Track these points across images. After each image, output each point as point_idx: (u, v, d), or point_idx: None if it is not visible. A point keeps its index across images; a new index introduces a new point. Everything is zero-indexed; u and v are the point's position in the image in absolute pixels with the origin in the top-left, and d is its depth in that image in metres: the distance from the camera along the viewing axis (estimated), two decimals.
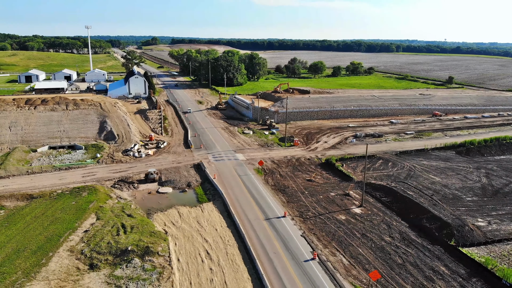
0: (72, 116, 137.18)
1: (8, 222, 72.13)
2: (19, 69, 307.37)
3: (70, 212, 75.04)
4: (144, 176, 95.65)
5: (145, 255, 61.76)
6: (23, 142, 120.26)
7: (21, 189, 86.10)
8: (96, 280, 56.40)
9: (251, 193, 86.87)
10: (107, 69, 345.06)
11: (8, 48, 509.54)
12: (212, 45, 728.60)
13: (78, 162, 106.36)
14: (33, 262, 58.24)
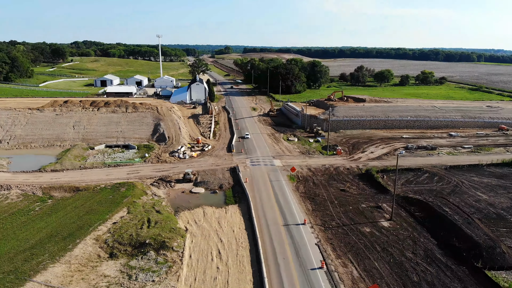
0: (130, 118, 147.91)
1: (52, 210, 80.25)
2: (98, 74, 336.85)
3: (105, 205, 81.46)
4: (182, 176, 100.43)
5: (160, 249, 65.20)
6: (83, 140, 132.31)
7: (70, 182, 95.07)
8: (112, 268, 60.82)
9: (277, 198, 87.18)
10: (177, 76, 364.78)
11: (92, 54, 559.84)
12: (281, 54, 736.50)
13: (127, 160, 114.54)
14: (61, 246, 64.37)
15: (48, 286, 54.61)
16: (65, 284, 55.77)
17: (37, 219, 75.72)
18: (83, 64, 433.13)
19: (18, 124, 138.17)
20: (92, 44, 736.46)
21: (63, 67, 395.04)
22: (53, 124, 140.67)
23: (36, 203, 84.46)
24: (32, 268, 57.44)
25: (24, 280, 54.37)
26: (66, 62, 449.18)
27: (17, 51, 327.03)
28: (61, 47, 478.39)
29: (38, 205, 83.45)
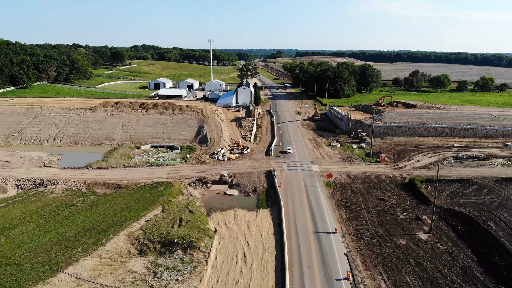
0: (176, 120, 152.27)
1: (92, 206, 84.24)
2: (153, 77, 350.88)
3: (141, 203, 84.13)
4: (218, 178, 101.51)
5: (188, 248, 66.08)
6: (131, 139, 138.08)
7: (112, 179, 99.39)
8: (140, 264, 62.53)
9: (310, 205, 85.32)
10: (227, 80, 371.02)
11: (149, 58, 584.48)
12: (334, 57, 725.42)
13: (169, 160, 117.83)
14: (94, 241, 67.22)
15: (77, 278, 57.16)
16: (93, 277, 58.08)
17: (77, 214, 79.80)
18: (140, 67, 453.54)
19: (71, 123, 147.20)
20: (150, 48, 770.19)
21: (121, 70, 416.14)
22: (103, 123, 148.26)
23: (79, 198, 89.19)
24: (65, 260, 60.41)
25: (56, 271, 57.28)
26: (124, 65, 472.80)
27: (78, 54, 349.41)
28: (120, 51, 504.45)
29: (81, 200, 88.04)
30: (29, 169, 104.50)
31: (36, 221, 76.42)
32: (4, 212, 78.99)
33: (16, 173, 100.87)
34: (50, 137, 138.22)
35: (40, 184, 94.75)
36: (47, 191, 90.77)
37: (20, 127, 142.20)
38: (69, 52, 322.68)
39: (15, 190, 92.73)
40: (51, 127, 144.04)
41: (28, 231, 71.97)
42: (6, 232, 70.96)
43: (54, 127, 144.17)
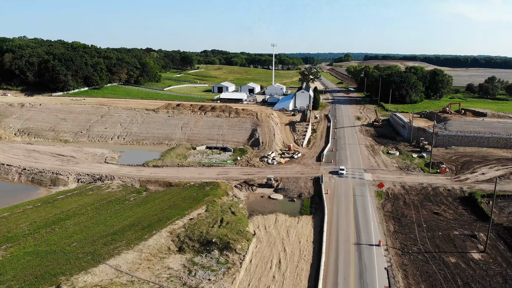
0: (231, 123, 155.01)
1: (142, 202, 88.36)
2: (217, 81, 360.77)
3: (188, 201, 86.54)
4: (264, 181, 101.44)
5: (224, 249, 66.66)
6: (188, 140, 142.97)
7: (165, 178, 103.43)
8: (177, 261, 64.22)
9: (356, 214, 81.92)
10: (290, 84, 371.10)
11: (216, 62, 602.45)
12: (404, 61, 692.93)
13: (220, 162, 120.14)
14: (138, 235, 70.27)
15: (117, 270, 60.08)
16: (132, 270, 60.68)
17: (128, 209, 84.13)
18: (207, 72, 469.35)
19: (135, 122, 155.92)
20: (219, 53, 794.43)
21: (189, 74, 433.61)
22: (164, 124, 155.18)
23: (132, 194, 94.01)
24: (108, 252, 63.85)
25: (98, 262, 60.69)
26: (193, 69, 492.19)
27: (150, 57, 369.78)
28: (189, 55, 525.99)
29: (133, 196, 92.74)
30: (90, 165, 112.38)
31: (90, 214, 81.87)
32: (62, 204, 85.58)
33: (78, 167, 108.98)
34: (114, 135, 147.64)
35: (98, 179, 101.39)
36: (103, 186, 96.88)
37: (88, 125, 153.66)
38: (141, 56, 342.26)
39: (76, 184, 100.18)
40: (116, 126, 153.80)
41: (81, 222, 77.32)
42: (61, 222, 76.84)
43: (119, 126, 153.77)
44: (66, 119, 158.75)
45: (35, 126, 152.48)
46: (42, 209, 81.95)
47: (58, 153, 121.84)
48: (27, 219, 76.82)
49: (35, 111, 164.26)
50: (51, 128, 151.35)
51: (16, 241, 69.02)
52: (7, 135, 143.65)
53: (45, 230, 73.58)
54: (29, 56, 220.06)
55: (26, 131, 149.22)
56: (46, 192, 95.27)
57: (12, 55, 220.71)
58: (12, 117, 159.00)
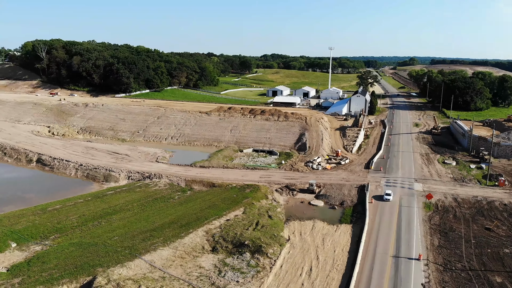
0: (280, 127, 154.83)
1: (185, 201, 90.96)
2: (274, 85, 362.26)
3: (227, 202, 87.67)
4: (306, 187, 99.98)
5: (256, 252, 66.61)
6: (236, 143, 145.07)
7: (210, 178, 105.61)
8: (209, 261, 65.29)
9: (399, 226, 77.86)
10: (348, 88, 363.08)
11: (275, 66, 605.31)
12: (475, 66, 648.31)
13: (264, 165, 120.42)
14: (175, 233, 72.35)
15: (151, 266, 62.36)
16: (165, 266, 62.61)
17: (170, 207, 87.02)
18: (265, 76, 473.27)
19: (188, 124, 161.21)
20: (278, 57, 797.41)
21: (246, 78, 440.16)
22: (215, 126, 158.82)
23: (177, 193, 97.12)
24: (145, 247, 66.43)
25: (134, 256, 63.35)
26: (251, 73, 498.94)
27: (210, 62, 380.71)
28: (248, 60, 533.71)
29: (178, 195, 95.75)
30: (142, 163, 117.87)
31: (135, 210, 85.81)
32: (111, 199, 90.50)
33: (131, 165, 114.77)
34: (168, 136, 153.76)
35: (148, 177, 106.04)
36: (151, 184, 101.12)
37: (145, 126, 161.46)
38: (201, 60, 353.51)
39: (126, 180, 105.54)
40: (171, 127, 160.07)
41: (125, 217, 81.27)
42: (107, 217, 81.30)
43: (173, 127, 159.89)
44: (125, 119, 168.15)
45: (96, 125, 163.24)
46: (92, 203, 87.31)
47: (114, 151, 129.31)
48: (77, 212, 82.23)
49: (97, 111, 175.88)
50: (111, 127, 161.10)
51: (64, 232, 74.16)
52: (71, 132, 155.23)
53: (92, 223, 78.31)
54: (96, 59, 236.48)
55: (88, 129, 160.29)
56: (98, 188, 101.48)
57: (80, 58, 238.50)
58: (76, 116, 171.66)
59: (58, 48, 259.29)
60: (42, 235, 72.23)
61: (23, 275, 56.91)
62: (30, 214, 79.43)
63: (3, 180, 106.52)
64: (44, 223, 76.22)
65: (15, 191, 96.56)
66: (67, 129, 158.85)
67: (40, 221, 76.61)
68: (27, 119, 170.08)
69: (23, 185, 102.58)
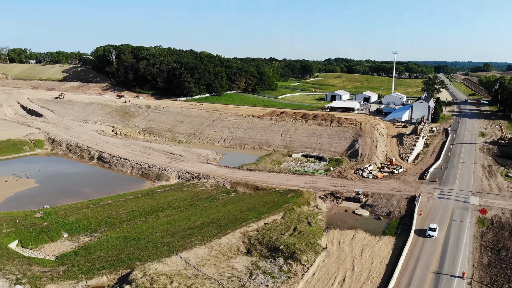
0: (332, 132, 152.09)
1: (228, 202, 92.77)
2: (334, 89, 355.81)
3: (267, 206, 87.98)
4: (353, 195, 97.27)
5: (289, 258, 66.26)
6: (285, 147, 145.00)
7: (255, 181, 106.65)
8: (242, 263, 66.12)
9: (447, 241, 72.96)
10: (415, 94, 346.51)
11: (337, 70, 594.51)
12: None
13: (311, 171, 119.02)
14: (213, 233, 74.12)
15: (186, 263, 64.51)
16: (199, 265, 64.43)
17: (213, 207, 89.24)
18: (326, 80, 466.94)
19: (240, 128, 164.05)
20: (342, 61, 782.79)
21: (306, 82, 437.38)
22: (266, 130, 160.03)
23: (222, 194, 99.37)
24: (182, 245, 68.84)
25: (171, 253, 65.96)
26: (312, 77, 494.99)
27: (270, 67, 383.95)
28: (309, 64, 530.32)
29: (223, 196, 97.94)
30: (193, 164, 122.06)
31: (180, 208, 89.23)
32: (160, 197, 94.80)
33: (182, 165, 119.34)
34: (221, 138, 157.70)
35: (196, 177, 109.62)
36: (198, 184, 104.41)
37: (200, 128, 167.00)
38: (260, 65, 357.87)
39: (176, 179, 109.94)
40: (224, 130, 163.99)
41: (170, 215, 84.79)
42: (154, 213, 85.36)
43: (227, 130, 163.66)
44: (183, 121, 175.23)
45: (156, 126, 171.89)
46: (141, 200, 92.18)
47: (169, 151, 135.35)
48: (127, 207, 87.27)
49: (158, 113, 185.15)
50: (169, 129, 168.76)
51: (113, 226, 79.15)
52: (132, 133, 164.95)
53: (139, 219, 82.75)
54: (160, 64, 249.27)
55: (148, 130, 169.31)
56: (150, 185, 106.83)
57: (146, 62, 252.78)
58: (139, 117, 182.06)
59: (126, 52, 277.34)
60: (92, 228, 77.74)
61: (68, 264, 61.67)
62: (84, 207, 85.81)
63: (65, 175, 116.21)
64: (96, 216, 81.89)
65: (74, 186, 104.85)
66: (129, 129, 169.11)
67: (92, 214, 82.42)
68: (94, 119, 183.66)
69: (82, 180, 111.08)
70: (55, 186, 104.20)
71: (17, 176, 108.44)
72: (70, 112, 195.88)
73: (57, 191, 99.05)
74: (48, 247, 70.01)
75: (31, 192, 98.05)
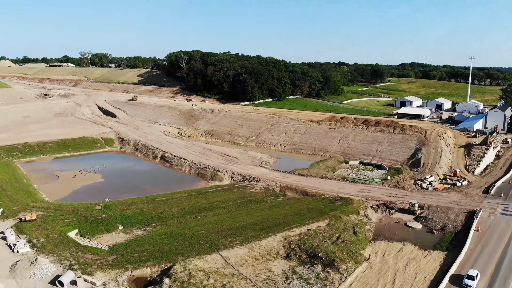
0: (394, 139, 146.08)
1: (275, 205, 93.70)
2: (405, 95, 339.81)
3: (312, 212, 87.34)
4: (407, 206, 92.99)
5: (328, 266, 65.52)
6: (342, 153, 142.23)
7: (304, 187, 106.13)
8: (280, 266, 66.72)
9: (501, 261, 67.01)
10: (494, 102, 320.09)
11: (411, 75, 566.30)
12: None
13: (366, 179, 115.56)
14: (254, 234, 75.41)
15: (225, 261, 66.53)
16: (237, 264, 66.12)
17: (260, 210, 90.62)
18: (398, 85, 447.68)
19: (298, 132, 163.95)
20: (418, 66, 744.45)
21: (376, 87, 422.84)
22: (324, 136, 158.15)
23: (270, 197, 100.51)
24: (224, 244, 71.02)
25: (212, 250, 68.40)
26: (383, 82, 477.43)
27: (338, 71, 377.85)
28: (380, 68, 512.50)
29: (270, 199, 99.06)
30: (247, 166, 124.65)
31: (229, 208, 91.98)
32: (212, 196, 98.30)
33: (236, 167, 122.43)
34: (278, 142, 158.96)
35: (247, 179, 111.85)
36: (248, 186, 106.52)
37: (258, 132, 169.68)
38: (326, 70, 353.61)
39: (229, 181, 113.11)
40: (281, 134, 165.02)
41: (218, 214, 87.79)
42: (204, 212, 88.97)
43: (284, 134, 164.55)
44: (242, 125, 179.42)
45: (218, 129, 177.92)
46: (193, 198, 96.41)
47: (226, 153, 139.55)
48: (179, 204, 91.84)
49: (221, 117, 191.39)
50: (229, 132, 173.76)
51: (164, 221, 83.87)
52: (195, 135, 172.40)
53: (189, 216, 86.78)
54: (227, 69, 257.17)
55: (210, 132, 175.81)
56: (204, 185, 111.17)
57: (214, 68, 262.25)
58: (203, 120, 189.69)
59: (196, 58, 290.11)
60: (145, 222, 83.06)
61: (118, 254, 66.66)
62: (140, 202, 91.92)
63: (129, 172, 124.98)
64: (150, 211, 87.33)
65: (136, 182, 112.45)
66: (193, 131, 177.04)
67: (147, 209, 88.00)
68: (162, 120, 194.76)
69: (143, 177, 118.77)
70: (118, 181, 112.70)
71: (86, 171, 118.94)
72: (141, 113, 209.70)
73: (119, 186, 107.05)
74: (103, 238, 76.15)
75: (96, 186, 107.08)
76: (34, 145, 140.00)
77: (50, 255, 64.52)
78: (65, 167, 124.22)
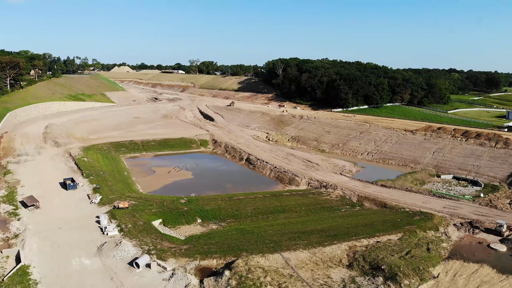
0: (494, 154, 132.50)
1: (349, 215, 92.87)
2: None
3: (386, 225, 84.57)
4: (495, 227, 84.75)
5: (389, 279, 63.86)
6: (435, 166, 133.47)
7: (385, 198, 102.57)
8: (339, 274, 66.87)
9: None
10: None
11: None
12: None
13: (455, 195, 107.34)
14: (319, 240, 76.07)
15: (285, 262, 68.87)
16: (296, 267, 67.98)
17: (331, 218, 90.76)
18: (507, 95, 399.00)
19: (388, 141, 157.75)
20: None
21: (490, 97, 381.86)
22: (417, 147, 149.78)
23: (345, 206, 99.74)
24: (287, 246, 73.30)
25: (275, 250, 71.21)
26: (499, 92, 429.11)
27: (446, 78, 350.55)
28: (496, 76, 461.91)
29: (345, 208, 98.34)
30: (326, 173, 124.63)
31: (300, 213, 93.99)
32: (285, 199, 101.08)
33: (315, 174, 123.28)
34: (365, 151, 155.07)
35: (324, 186, 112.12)
36: (324, 193, 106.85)
37: (346, 139, 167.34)
38: (432, 77, 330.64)
39: (305, 186, 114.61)
40: (370, 143, 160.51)
41: (289, 217, 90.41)
42: (276, 214, 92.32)
43: (372, 143, 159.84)
44: (330, 132, 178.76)
45: (304, 135, 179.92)
46: (268, 200, 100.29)
47: (308, 159, 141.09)
48: (254, 204, 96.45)
49: (308, 123, 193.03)
50: (315, 139, 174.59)
51: (238, 219, 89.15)
52: (282, 140, 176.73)
53: (261, 216, 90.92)
54: (321, 76, 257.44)
55: (296, 138, 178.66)
56: (281, 188, 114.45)
57: (308, 75, 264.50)
58: (291, 126, 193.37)
59: (292, 66, 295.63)
60: (221, 218, 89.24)
61: (191, 244, 73.26)
62: (219, 199, 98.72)
63: (216, 171, 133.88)
64: (227, 208, 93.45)
65: (219, 180, 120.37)
66: (280, 136, 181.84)
67: (224, 206, 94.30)
68: (254, 125, 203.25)
69: (227, 177, 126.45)
70: (206, 179, 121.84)
71: (180, 168, 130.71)
72: (236, 118, 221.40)
73: (205, 183, 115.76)
74: (182, 228, 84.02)
75: (186, 182, 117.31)
76: (139, 142, 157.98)
77: (133, 239, 73.79)
78: (162, 163, 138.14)
